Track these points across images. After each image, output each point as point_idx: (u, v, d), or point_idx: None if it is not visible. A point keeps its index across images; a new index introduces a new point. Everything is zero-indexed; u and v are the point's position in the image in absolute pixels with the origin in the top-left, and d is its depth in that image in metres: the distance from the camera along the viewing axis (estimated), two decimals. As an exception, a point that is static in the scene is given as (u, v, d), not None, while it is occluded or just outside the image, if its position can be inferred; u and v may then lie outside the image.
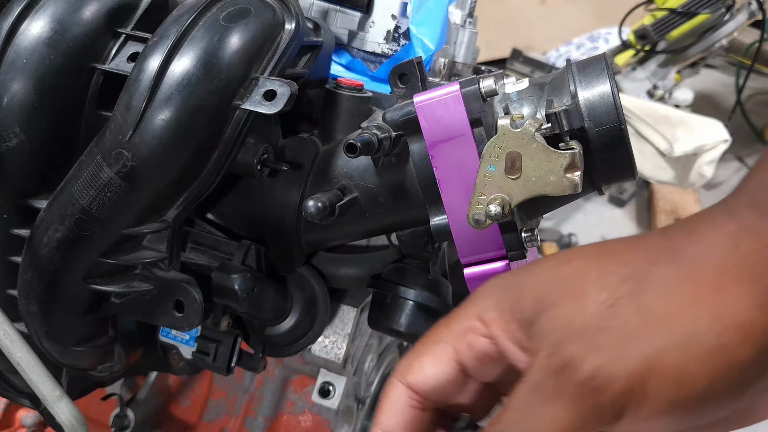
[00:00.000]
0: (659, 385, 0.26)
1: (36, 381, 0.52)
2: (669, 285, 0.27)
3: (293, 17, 0.51)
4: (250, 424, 0.81)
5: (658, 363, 0.26)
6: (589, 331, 0.27)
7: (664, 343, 0.26)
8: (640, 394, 0.27)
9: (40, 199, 0.51)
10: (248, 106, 0.47)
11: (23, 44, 0.49)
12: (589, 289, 0.28)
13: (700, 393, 0.26)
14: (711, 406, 0.27)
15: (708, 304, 0.26)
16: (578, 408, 0.27)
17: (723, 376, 0.26)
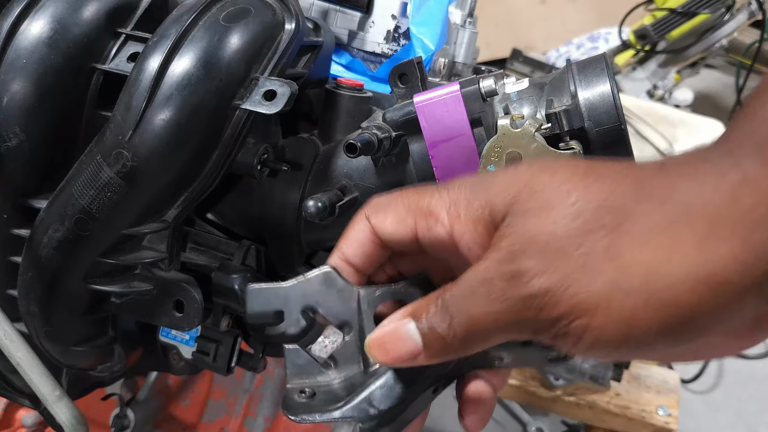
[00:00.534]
0: (603, 324, 0.26)
1: (36, 381, 0.51)
2: (651, 232, 0.26)
3: (293, 17, 0.51)
4: (250, 424, 0.81)
5: (610, 304, 0.26)
6: (549, 251, 0.27)
7: (620, 286, 0.26)
8: (580, 326, 0.26)
9: (40, 199, 0.51)
10: (248, 106, 0.47)
11: (23, 44, 0.49)
12: (564, 210, 0.27)
13: (646, 339, 0.26)
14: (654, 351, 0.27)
15: (685, 258, 0.25)
16: (516, 317, 0.28)
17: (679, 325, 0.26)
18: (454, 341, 0.30)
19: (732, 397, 1.64)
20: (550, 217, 0.27)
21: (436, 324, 0.30)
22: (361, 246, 0.36)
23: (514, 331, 0.29)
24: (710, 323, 0.26)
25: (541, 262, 0.27)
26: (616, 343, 0.26)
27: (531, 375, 1.34)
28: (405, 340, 0.31)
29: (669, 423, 1.28)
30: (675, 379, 1.37)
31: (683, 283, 0.25)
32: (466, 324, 0.29)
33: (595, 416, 1.32)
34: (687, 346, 0.27)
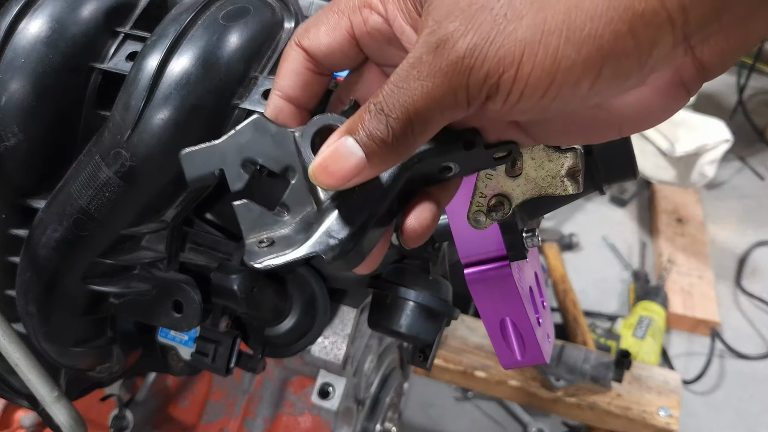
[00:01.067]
0: (531, 66, 0.26)
1: (34, 382, 0.51)
2: None
3: (292, 16, 0.51)
4: (249, 425, 0.81)
5: (534, 48, 0.26)
6: (472, 10, 0.27)
7: (543, 26, 0.26)
8: (509, 79, 0.27)
9: (39, 199, 0.51)
10: (247, 105, 0.47)
11: (22, 43, 0.49)
12: None
13: (577, 75, 0.26)
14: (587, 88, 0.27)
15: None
16: (448, 86, 0.27)
17: (599, 61, 0.26)
18: (395, 140, 0.30)
19: (733, 398, 1.64)
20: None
21: (373, 129, 0.29)
22: (297, 75, 0.35)
23: (450, 105, 0.28)
24: (630, 59, 0.26)
25: (464, 22, 0.27)
26: (543, 87, 0.27)
27: (532, 376, 1.34)
28: (347, 157, 0.30)
29: (670, 424, 1.28)
30: (676, 380, 1.37)
31: (602, 16, 0.25)
32: (403, 116, 0.29)
33: (596, 417, 1.32)
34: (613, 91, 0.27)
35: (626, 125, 0.32)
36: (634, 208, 2.22)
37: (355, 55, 0.35)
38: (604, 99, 0.29)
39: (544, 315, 0.57)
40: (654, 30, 0.26)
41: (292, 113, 0.36)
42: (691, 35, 0.26)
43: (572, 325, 1.63)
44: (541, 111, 0.29)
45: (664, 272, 1.88)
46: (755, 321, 1.84)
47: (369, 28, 0.33)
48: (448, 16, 0.28)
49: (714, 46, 0.27)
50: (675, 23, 0.26)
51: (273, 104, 0.36)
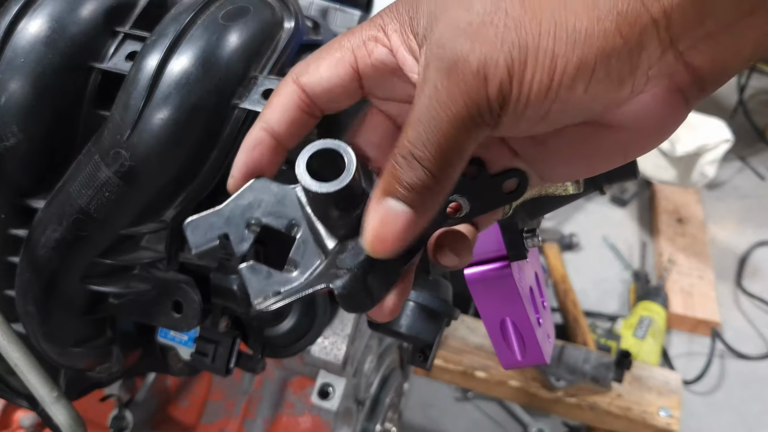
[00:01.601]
0: (533, 69, 0.27)
1: (34, 382, 0.51)
2: None
3: (292, 16, 0.51)
4: (249, 426, 0.81)
5: (533, 49, 0.27)
6: (473, 28, 0.28)
7: (539, 29, 0.27)
8: (518, 79, 0.28)
9: (38, 199, 0.51)
10: (247, 105, 0.47)
11: (21, 43, 0.49)
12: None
13: (571, 75, 0.27)
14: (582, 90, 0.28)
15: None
16: (471, 101, 0.28)
17: (593, 62, 0.27)
18: (436, 181, 0.29)
19: (734, 398, 1.64)
20: (465, 3, 0.28)
21: (410, 179, 0.29)
22: (286, 111, 0.34)
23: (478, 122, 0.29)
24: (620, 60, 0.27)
25: (469, 40, 0.28)
26: (544, 90, 0.28)
27: (532, 377, 1.34)
28: (396, 218, 0.30)
29: (670, 424, 1.28)
30: (677, 381, 1.37)
31: (587, 15, 0.27)
32: (437, 153, 0.29)
33: (596, 417, 1.32)
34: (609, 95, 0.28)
35: (631, 145, 0.32)
36: (635, 208, 2.22)
37: (354, 91, 0.35)
38: (598, 106, 0.29)
39: (545, 315, 0.57)
40: (639, 30, 0.27)
41: (271, 147, 0.35)
42: (678, 40, 0.27)
43: (572, 326, 1.63)
44: (543, 118, 0.29)
45: (665, 272, 1.88)
46: (756, 321, 1.84)
47: (374, 61, 0.33)
48: (452, 39, 0.28)
49: (705, 52, 0.28)
50: (659, 25, 0.27)
51: (254, 135, 0.35)
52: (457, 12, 0.29)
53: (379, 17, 0.33)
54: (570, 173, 0.35)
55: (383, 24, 0.33)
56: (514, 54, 0.27)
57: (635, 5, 0.26)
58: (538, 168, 0.35)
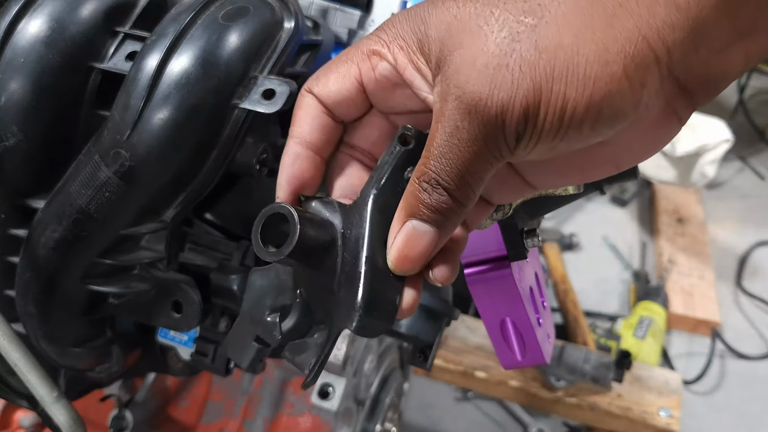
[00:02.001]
0: (545, 111, 0.29)
1: (34, 382, 0.51)
2: (566, 18, 0.28)
3: (292, 16, 0.51)
4: (249, 426, 0.81)
5: (546, 91, 0.28)
6: (490, 70, 0.29)
7: (552, 73, 0.28)
8: (532, 121, 0.29)
9: (38, 199, 0.51)
10: (247, 105, 0.47)
11: (21, 43, 0.49)
12: (491, 28, 0.29)
13: (580, 116, 0.29)
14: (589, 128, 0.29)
15: (598, 35, 0.28)
16: (491, 141, 0.30)
17: (600, 102, 0.28)
18: (460, 204, 0.32)
19: (734, 399, 1.64)
20: (480, 40, 0.29)
21: (436, 202, 0.31)
22: (313, 119, 0.35)
23: (496, 157, 0.31)
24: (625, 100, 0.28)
25: (486, 83, 0.29)
26: (555, 130, 0.29)
27: (532, 377, 1.34)
28: (421, 238, 0.32)
29: (671, 424, 1.27)
30: (677, 381, 1.37)
31: (598, 60, 0.28)
32: (461, 181, 0.31)
33: (596, 417, 1.32)
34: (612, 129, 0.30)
35: (624, 159, 0.33)
36: (635, 208, 2.22)
37: (362, 103, 0.36)
38: (602, 138, 0.31)
39: (545, 315, 0.57)
40: (643, 71, 0.28)
41: (310, 159, 0.36)
42: (675, 68, 0.29)
43: (573, 326, 1.63)
44: (548, 152, 0.31)
45: (665, 272, 1.88)
46: (756, 321, 1.84)
47: (377, 75, 0.34)
48: (469, 80, 0.29)
49: (697, 74, 0.29)
50: (660, 62, 0.28)
51: (290, 152, 0.36)
52: (472, 49, 0.29)
53: (382, 32, 0.34)
54: (563, 181, 0.36)
55: (387, 40, 0.34)
56: (529, 98, 0.29)
57: (642, 47, 0.28)
58: (530, 177, 0.36)
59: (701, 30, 0.28)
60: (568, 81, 0.28)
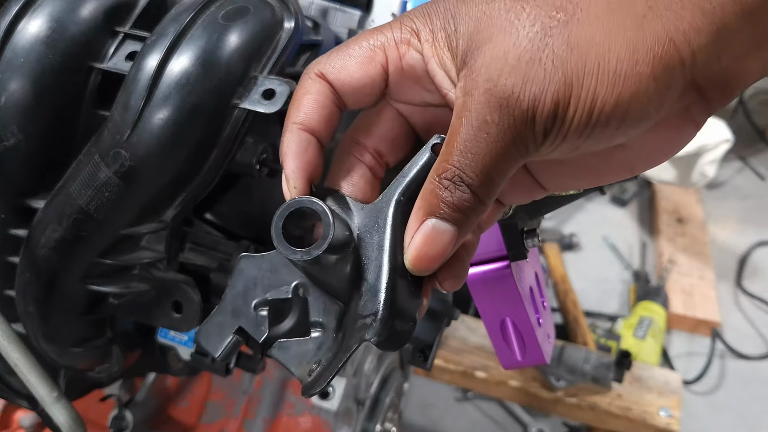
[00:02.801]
0: (575, 107, 0.29)
1: (34, 382, 0.51)
2: (597, 16, 0.28)
3: (292, 16, 0.51)
4: (249, 426, 0.81)
5: (577, 87, 0.28)
6: (522, 64, 0.29)
7: (584, 69, 0.28)
8: (561, 116, 0.29)
9: (38, 199, 0.51)
10: (247, 105, 0.47)
11: (21, 43, 0.49)
12: (522, 23, 0.29)
13: (607, 114, 0.29)
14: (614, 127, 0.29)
15: (629, 34, 0.28)
16: (519, 137, 0.29)
17: (628, 102, 0.28)
18: (481, 202, 0.31)
19: (734, 399, 1.64)
20: (512, 35, 0.29)
21: (458, 200, 0.30)
22: (322, 108, 0.33)
23: (523, 154, 0.30)
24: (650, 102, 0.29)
25: (519, 77, 0.29)
26: (582, 127, 0.29)
27: (532, 377, 1.34)
28: (441, 236, 0.31)
29: (671, 424, 1.27)
30: (677, 381, 1.37)
31: (628, 59, 0.28)
32: (485, 178, 0.30)
33: (596, 418, 1.32)
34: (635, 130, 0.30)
35: (638, 164, 0.33)
36: (635, 208, 2.22)
37: (379, 92, 0.34)
38: (623, 139, 0.31)
39: (545, 315, 0.57)
40: (669, 72, 0.28)
41: (318, 149, 0.34)
42: (697, 75, 0.29)
43: (573, 326, 1.63)
44: (571, 151, 0.31)
45: (665, 272, 1.88)
46: (756, 321, 1.84)
47: (405, 65, 0.33)
48: (502, 74, 0.29)
49: (716, 82, 0.29)
50: (685, 65, 0.28)
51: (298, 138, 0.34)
52: (503, 43, 0.29)
53: (409, 20, 0.33)
54: (575, 184, 0.36)
55: (416, 29, 0.33)
56: (560, 93, 0.28)
57: (669, 49, 0.28)
58: (543, 179, 0.35)
59: (724, 36, 0.28)
60: (599, 78, 0.28)
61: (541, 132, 0.29)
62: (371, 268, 0.32)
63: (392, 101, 0.36)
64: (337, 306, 0.34)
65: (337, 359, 0.32)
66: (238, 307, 0.34)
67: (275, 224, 0.31)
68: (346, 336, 0.32)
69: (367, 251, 0.32)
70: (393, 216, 0.32)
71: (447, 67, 0.32)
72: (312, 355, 0.34)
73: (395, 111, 0.36)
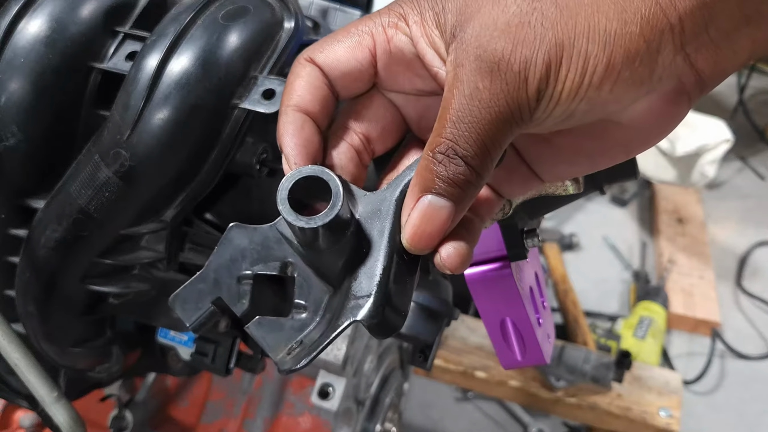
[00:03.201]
0: (567, 68, 0.28)
1: (34, 382, 0.51)
2: None
3: (292, 16, 0.51)
4: (249, 426, 0.81)
5: (568, 47, 0.28)
6: (513, 27, 0.29)
7: (574, 30, 0.28)
8: (553, 78, 0.29)
9: (38, 199, 0.51)
10: (247, 105, 0.47)
11: (21, 43, 0.49)
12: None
13: (600, 75, 0.28)
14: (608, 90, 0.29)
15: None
16: (513, 100, 0.29)
17: (620, 63, 0.28)
18: (477, 174, 0.30)
19: (734, 398, 1.64)
20: (500, 3, 0.29)
21: (453, 174, 0.30)
22: (315, 89, 0.33)
23: (517, 120, 0.29)
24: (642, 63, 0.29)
25: (509, 40, 0.29)
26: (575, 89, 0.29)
27: (532, 377, 1.34)
28: (438, 213, 0.30)
29: (671, 424, 1.27)
30: (677, 381, 1.37)
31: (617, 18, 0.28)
32: (480, 148, 0.29)
33: (596, 418, 1.32)
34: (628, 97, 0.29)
35: (634, 143, 0.33)
36: (635, 208, 2.22)
37: (368, 77, 0.34)
38: (618, 106, 0.30)
39: (545, 315, 0.57)
40: (659, 34, 0.28)
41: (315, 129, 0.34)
42: (686, 44, 0.29)
43: (573, 326, 1.63)
44: (565, 119, 0.30)
45: (665, 272, 1.88)
46: (756, 321, 1.84)
47: (393, 48, 0.33)
48: (491, 39, 0.29)
49: (707, 56, 0.30)
50: (674, 30, 0.28)
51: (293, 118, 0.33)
52: (492, 12, 0.29)
53: (397, 6, 0.33)
54: (571, 171, 0.36)
55: (404, 13, 0.33)
56: (551, 54, 0.28)
57: (656, 11, 0.28)
58: (538, 167, 0.35)
59: (710, 5, 0.28)
60: (590, 38, 0.28)
61: (534, 96, 0.29)
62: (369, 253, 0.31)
63: (384, 91, 0.36)
64: (325, 289, 0.33)
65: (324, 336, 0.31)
66: (221, 277, 0.33)
67: (282, 189, 0.31)
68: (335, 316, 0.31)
69: (365, 237, 0.31)
70: (397, 205, 0.32)
71: (436, 45, 0.32)
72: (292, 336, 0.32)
73: (387, 100, 0.36)
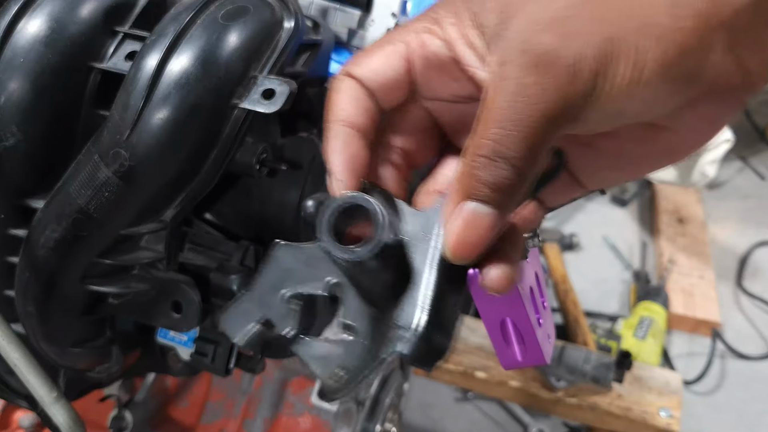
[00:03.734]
0: (620, 63, 0.27)
1: (33, 382, 0.51)
2: None
3: (292, 15, 0.51)
4: (248, 426, 0.81)
5: (620, 42, 0.27)
6: (558, 21, 0.27)
7: (626, 25, 0.27)
8: (604, 75, 0.27)
9: (38, 199, 0.51)
10: (247, 105, 0.47)
11: (20, 43, 0.49)
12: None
13: (654, 72, 0.27)
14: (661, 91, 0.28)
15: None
16: (564, 96, 0.27)
17: (673, 59, 0.27)
18: (521, 178, 0.28)
19: (734, 399, 1.64)
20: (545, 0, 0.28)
21: (496, 178, 0.28)
22: (357, 101, 0.32)
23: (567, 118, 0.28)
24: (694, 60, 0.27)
25: (557, 34, 0.27)
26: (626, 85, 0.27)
27: (532, 377, 1.34)
28: (481, 220, 0.29)
29: (671, 424, 1.27)
30: (677, 381, 1.37)
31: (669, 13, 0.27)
32: (526, 149, 0.28)
33: (596, 418, 1.31)
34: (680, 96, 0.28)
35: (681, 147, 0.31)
36: (635, 208, 2.22)
37: (405, 86, 0.33)
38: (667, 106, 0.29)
39: (545, 315, 0.57)
40: (711, 31, 0.27)
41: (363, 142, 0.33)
42: (737, 42, 0.28)
43: (573, 326, 1.63)
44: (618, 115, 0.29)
45: (665, 272, 1.88)
46: (756, 321, 1.84)
47: (427, 52, 0.32)
48: (538, 33, 0.27)
49: (756, 55, 0.28)
50: (726, 27, 0.27)
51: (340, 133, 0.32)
52: (537, 7, 0.28)
53: (433, 11, 0.32)
54: (614, 177, 0.34)
55: (438, 17, 0.32)
56: (604, 48, 0.27)
57: (710, 6, 0.27)
58: (581, 172, 0.34)
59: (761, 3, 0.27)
60: (642, 33, 0.27)
61: (585, 91, 0.27)
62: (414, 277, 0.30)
63: (422, 99, 0.35)
64: (371, 311, 0.32)
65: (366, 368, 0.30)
66: (267, 297, 0.33)
67: (325, 220, 0.30)
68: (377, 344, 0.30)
69: (411, 259, 0.30)
70: None
71: (475, 45, 0.30)
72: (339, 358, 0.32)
73: (424, 110, 0.35)
